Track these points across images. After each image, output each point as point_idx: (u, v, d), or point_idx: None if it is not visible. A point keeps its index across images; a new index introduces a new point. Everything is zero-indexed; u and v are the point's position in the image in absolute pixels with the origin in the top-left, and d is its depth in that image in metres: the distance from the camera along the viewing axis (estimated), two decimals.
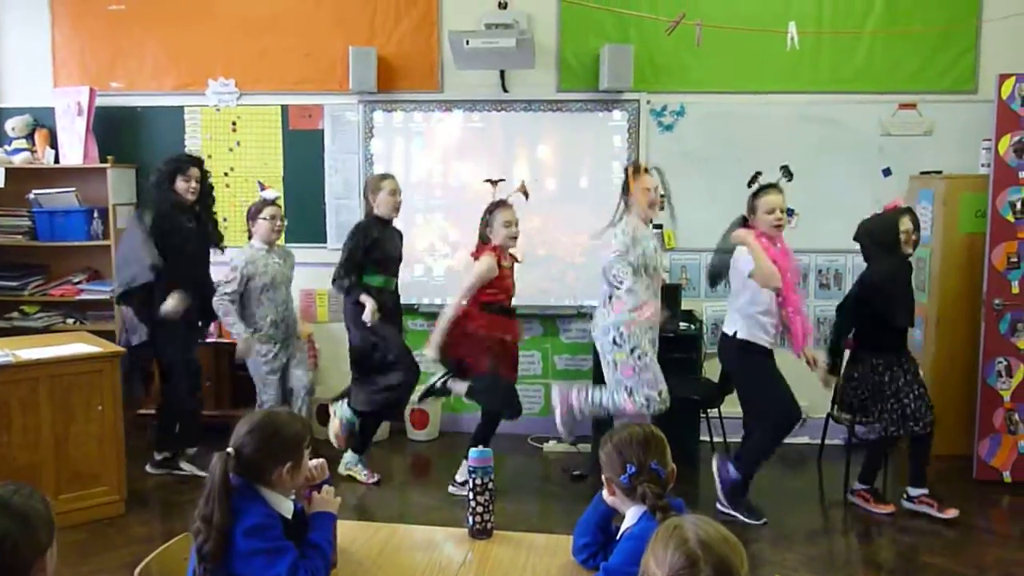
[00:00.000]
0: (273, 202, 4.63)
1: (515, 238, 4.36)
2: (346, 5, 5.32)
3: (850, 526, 4.28)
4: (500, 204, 4.35)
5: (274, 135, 5.46)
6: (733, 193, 5.17)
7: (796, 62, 5.06)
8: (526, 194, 4.45)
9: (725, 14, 4.97)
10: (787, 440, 5.22)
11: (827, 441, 5.00)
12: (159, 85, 5.47)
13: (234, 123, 5.47)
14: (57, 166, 5.34)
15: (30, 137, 5.42)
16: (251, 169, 5.46)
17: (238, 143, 5.49)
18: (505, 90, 5.28)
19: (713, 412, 4.77)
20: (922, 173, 5.09)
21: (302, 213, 5.42)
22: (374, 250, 4.46)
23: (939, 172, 4.99)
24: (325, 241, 5.45)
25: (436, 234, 5.38)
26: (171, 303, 4.34)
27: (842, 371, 4.42)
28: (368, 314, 4.36)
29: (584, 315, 5.21)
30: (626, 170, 4.17)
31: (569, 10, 5.17)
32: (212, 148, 5.48)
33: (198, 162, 4.63)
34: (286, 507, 2.05)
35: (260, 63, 5.40)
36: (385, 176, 4.62)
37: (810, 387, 5.15)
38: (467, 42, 4.76)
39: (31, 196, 5.27)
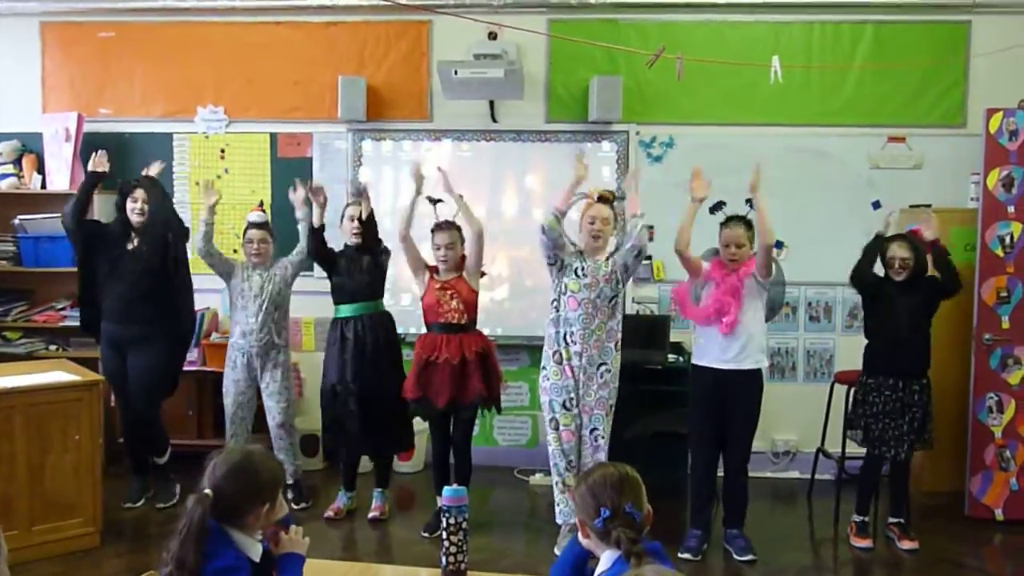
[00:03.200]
0: (257, 224, 4.59)
1: (444, 262, 4.27)
2: (336, 34, 5.32)
3: (841, 564, 4.21)
4: (436, 227, 4.30)
5: (262, 163, 5.44)
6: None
7: (785, 94, 5.06)
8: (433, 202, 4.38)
9: (713, 47, 4.99)
10: (776, 475, 5.22)
11: (817, 476, 4.94)
12: (148, 112, 5.46)
13: (223, 150, 5.45)
14: (43, 191, 5.32)
15: (17, 162, 5.40)
16: (239, 195, 5.44)
17: (226, 170, 5.47)
18: (494, 120, 5.28)
19: None
20: (911, 206, 5.07)
21: (289, 241, 5.35)
22: (330, 273, 4.49)
23: (928, 205, 4.97)
24: (312, 269, 5.38)
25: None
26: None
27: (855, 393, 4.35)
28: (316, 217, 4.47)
29: None
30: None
31: (558, 41, 5.17)
32: (200, 175, 5.45)
33: (146, 184, 4.56)
34: (255, 550, 1.99)
35: (249, 91, 5.40)
36: (350, 202, 4.60)
37: (799, 421, 5.15)
38: (456, 72, 4.76)
39: (16, 221, 5.24)
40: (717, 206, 4.10)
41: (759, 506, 4.73)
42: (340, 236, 4.60)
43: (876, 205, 5.18)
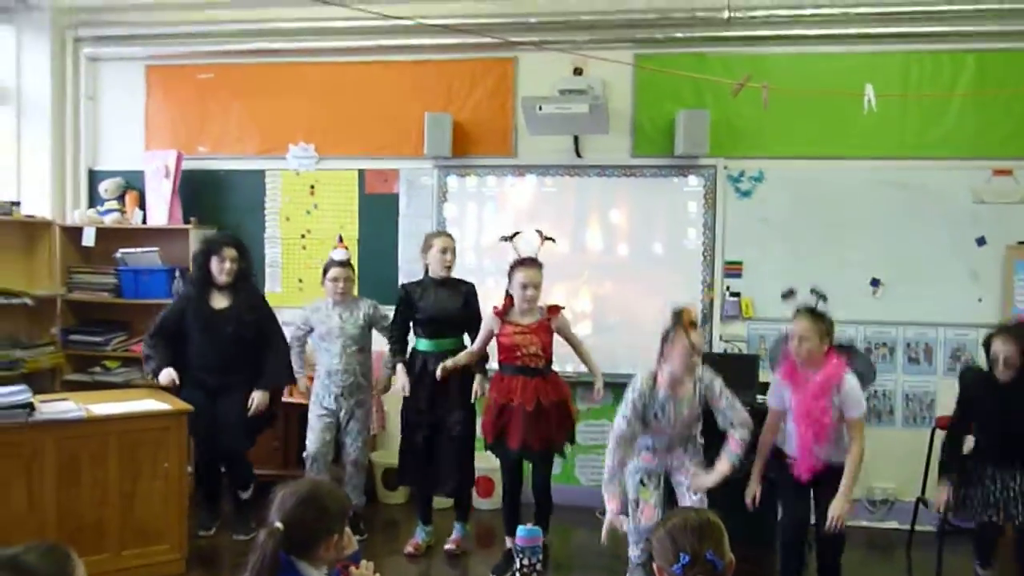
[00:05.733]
0: (340, 263, 4.61)
1: (531, 301, 4.12)
2: (423, 72, 5.42)
3: None
4: (519, 263, 4.17)
5: (351, 198, 5.55)
6: (814, 261, 5.04)
7: (880, 126, 4.89)
8: (547, 239, 4.30)
9: (803, 78, 4.86)
10: (873, 524, 4.96)
11: (917, 527, 4.67)
12: (243, 149, 5.65)
13: (312, 186, 5.59)
14: (144, 226, 5.54)
15: (121, 198, 5.65)
16: (328, 231, 5.55)
17: (316, 206, 5.59)
18: (579, 155, 5.26)
19: None
20: (1020, 243, 4.81)
21: (376, 275, 5.46)
22: (414, 311, 4.43)
23: None
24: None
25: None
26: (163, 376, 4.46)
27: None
28: (398, 385, 4.39)
29: None
30: (674, 315, 3.68)
31: (644, 75, 5.14)
32: (291, 210, 5.60)
33: (235, 242, 4.67)
34: None
35: (339, 128, 5.53)
36: (437, 233, 4.59)
37: (898, 467, 4.89)
38: (540, 107, 4.76)
39: (118, 255, 5.47)
40: (789, 293, 3.85)
41: (853, 557, 4.46)
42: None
43: (981, 242, 4.93)
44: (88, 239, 5.45)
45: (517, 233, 4.23)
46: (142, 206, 5.61)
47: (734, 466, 3.65)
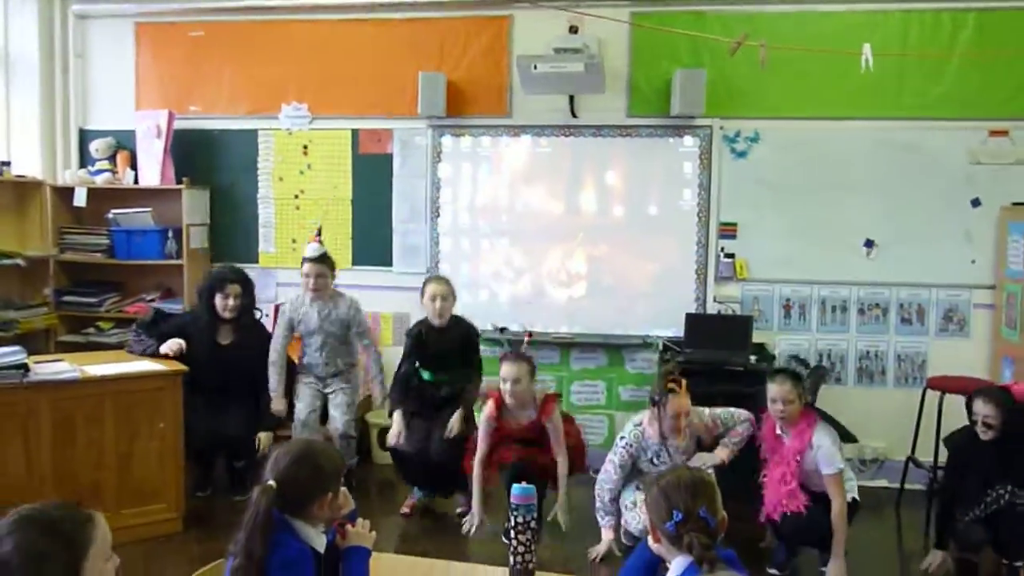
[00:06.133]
0: (312, 259, 4.52)
1: (516, 395, 3.98)
2: (417, 31, 5.34)
3: None
4: (506, 357, 4.05)
5: (344, 158, 5.50)
6: (809, 222, 5.04)
7: (877, 86, 4.84)
8: (530, 337, 4.29)
9: (801, 37, 4.81)
10: (864, 483, 5.00)
11: (907, 485, 4.72)
12: (235, 109, 5.58)
13: (305, 146, 5.54)
14: (136, 187, 5.49)
15: (112, 158, 5.60)
16: (321, 191, 5.52)
17: (309, 166, 5.55)
18: (574, 115, 5.21)
19: None
20: (1014, 204, 4.80)
21: (369, 236, 5.45)
22: (420, 352, 4.45)
23: None
24: (391, 264, 5.46)
25: (501, 259, 5.32)
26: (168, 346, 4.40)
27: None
28: (391, 437, 4.35)
29: (651, 345, 5.07)
30: (664, 377, 3.84)
31: (641, 34, 5.08)
32: (283, 171, 5.56)
33: (238, 277, 4.61)
34: (319, 541, 2.00)
35: (332, 88, 5.46)
36: (429, 279, 4.53)
37: (888, 427, 4.94)
38: (535, 67, 4.71)
39: (110, 215, 5.43)
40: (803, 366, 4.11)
41: None
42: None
43: (976, 203, 4.93)
44: (80, 199, 5.41)
45: (504, 328, 4.25)
46: (133, 166, 5.55)
47: (732, 452, 3.89)
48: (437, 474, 4.40)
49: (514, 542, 2.27)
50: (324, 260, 4.57)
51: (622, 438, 3.94)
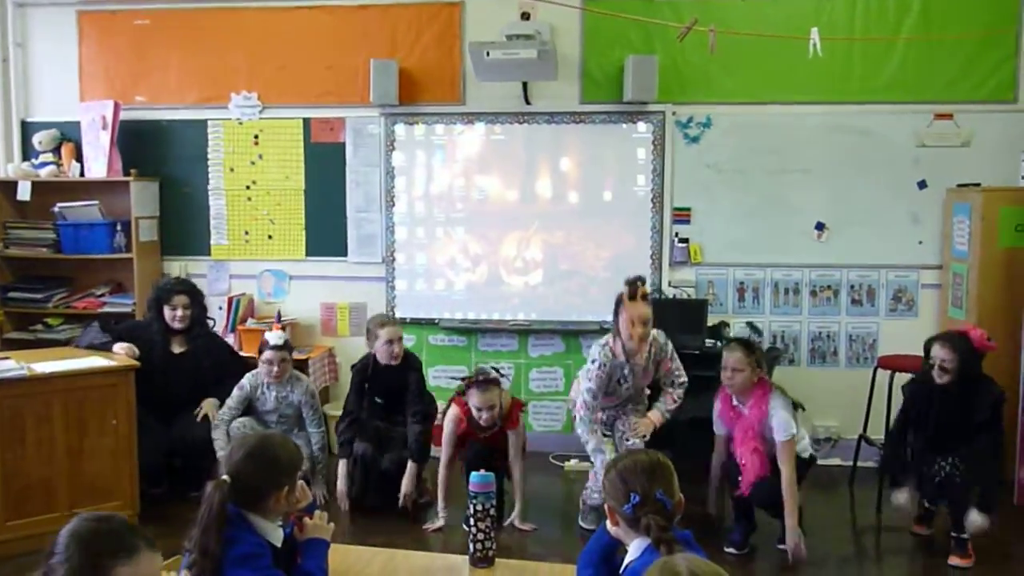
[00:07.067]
0: (276, 347, 4.42)
1: (491, 420, 3.98)
2: (367, 18, 5.29)
3: (883, 552, 4.13)
4: (473, 384, 3.96)
5: (296, 148, 5.43)
6: (761, 206, 5.10)
7: (827, 71, 4.92)
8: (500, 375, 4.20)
9: (752, 23, 4.86)
10: (819, 462, 5.09)
11: (859, 463, 4.82)
12: (182, 99, 5.47)
13: (256, 136, 5.46)
14: (82, 179, 5.37)
15: (56, 151, 5.46)
16: (273, 181, 5.45)
17: (260, 156, 5.47)
18: (528, 102, 5.20)
19: None
20: (959, 185, 4.91)
21: (323, 226, 5.40)
22: (371, 388, 4.41)
23: (977, 184, 4.81)
24: (346, 254, 5.41)
25: (457, 248, 5.31)
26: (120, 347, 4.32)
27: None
28: (339, 493, 4.30)
29: (608, 330, 5.09)
30: (626, 284, 3.91)
31: (593, 20, 5.08)
32: (234, 161, 5.47)
33: (185, 289, 4.58)
34: (276, 535, 1.98)
35: (282, 76, 5.38)
36: (382, 323, 4.43)
37: (841, 406, 5.03)
38: (488, 53, 4.69)
39: (56, 209, 5.30)
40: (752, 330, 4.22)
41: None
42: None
43: (922, 185, 5.03)
44: (23, 193, 5.25)
45: (467, 377, 4.09)
46: (79, 158, 5.42)
47: (664, 418, 3.99)
48: (389, 485, 4.31)
49: (473, 529, 2.28)
50: (287, 347, 4.50)
51: (593, 361, 3.91)
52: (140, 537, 1.56)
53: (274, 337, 4.49)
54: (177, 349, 4.56)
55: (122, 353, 4.29)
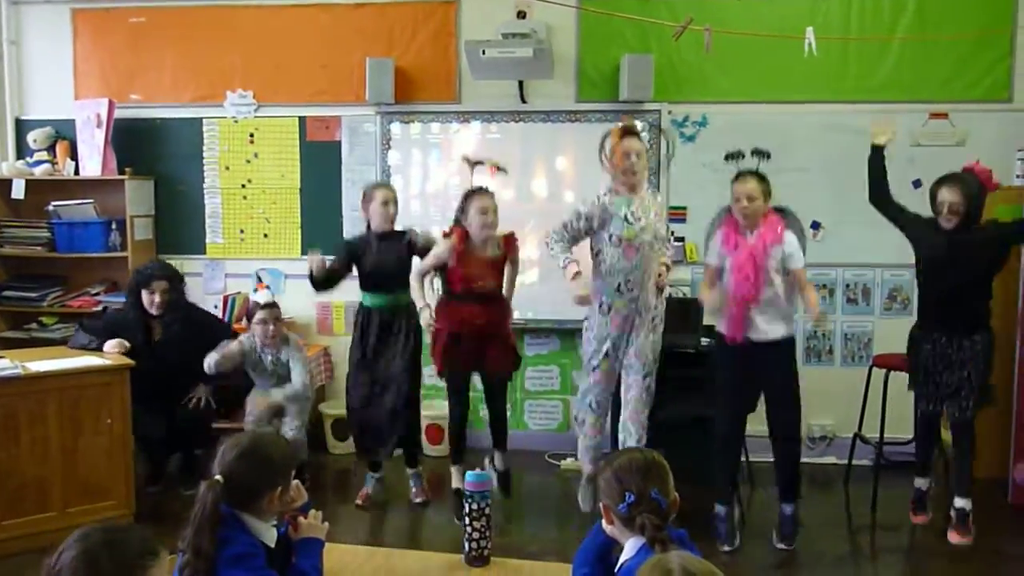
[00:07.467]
0: (266, 305, 4.43)
1: (490, 227, 4.08)
2: (363, 16, 5.28)
3: (878, 550, 4.14)
4: (476, 191, 4.11)
5: (291, 146, 5.42)
6: None
7: (822, 71, 4.93)
8: (500, 169, 4.30)
9: (747, 22, 4.86)
10: (813, 460, 5.13)
11: (855, 462, 4.83)
12: (178, 97, 5.46)
13: (252, 135, 5.45)
14: (76, 178, 5.36)
15: (51, 149, 5.45)
16: (269, 179, 5.44)
17: (256, 155, 5.46)
18: (523, 100, 5.20)
19: None
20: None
21: (318, 225, 5.39)
22: (352, 264, 4.36)
23: None
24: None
25: None
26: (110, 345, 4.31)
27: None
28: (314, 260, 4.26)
29: None
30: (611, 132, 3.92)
31: (588, 19, 5.08)
32: (230, 159, 5.46)
33: (165, 274, 4.53)
34: (270, 535, 1.98)
35: (278, 75, 5.38)
36: (377, 185, 4.50)
37: (836, 405, 5.04)
38: (483, 52, 4.69)
39: (50, 207, 5.29)
40: (735, 155, 3.94)
41: None
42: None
43: (917, 184, 5.03)
44: (17, 191, 5.25)
45: (478, 163, 4.23)
46: (74, 156, 5.41)
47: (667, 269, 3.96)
48: (391, 432, 4.30)
49: (468, 528, 2.28)
50: (275, 304, 4.51)
51: (581, 201, 3.96)
52: (156, 540, 1.59)
53: (262, 296, 4.51)
54: (159, 335, 4.49)
55: (114, 351, 4.28)
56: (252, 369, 4.52)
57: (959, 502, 3.96)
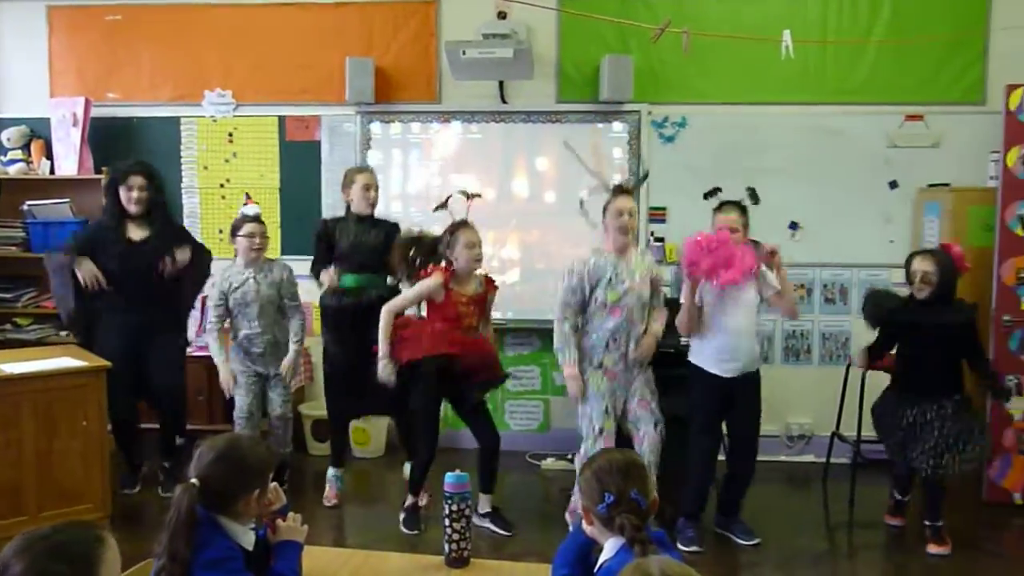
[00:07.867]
0: (254, 218, 4.40)
1: (479, 260, 4.02)
2: (343, 16, 5.26)
3: (856, 549, 4.17)
4: (462, 225, 3.99)
5: (271, 146, 5.39)
6: None
7: (800, 72, 4.97)
8: (474, 195, 4.15)
9: (727, 24, 4.89)
10: (791, 458, 5.17)
11: (832, 460, 4.87)
12: (155, 96, 5.42)
13: (230, 134, 5.41)
14: (52, 177, 5.30)
15: (26, 148, 5.39)
16: (248, 180, 5.41)
17: (235, 154, 5.43)
18: (504, 101, 5.21)
19: None
20: (929, 186, 4.98)
21: (298, 225, 5.35)
22: (334, 246, 4.33)
23: (946, 185, 4.88)
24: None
25: None
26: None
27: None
28: (325, 280, 4.30)
29: None
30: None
31: (569, 20, 5.09)
32: (208, 159, 5.43)
33: (142, 170, 4.44)
34: (247, 539, 1.96)
35: (257, 74, 5.35)
36: (359, 169, 4.49)
37: (814, 404, 5.08)
38: (464, 52, 4.68)
39: (25, 207, 5.23)
40: (712, 192, 4.05)
41: (773, 490, 4.68)
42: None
43: (893, 185, 5.09)
44: None
45: (449, 197, 4.06)
46: (49, 155, 5.35)
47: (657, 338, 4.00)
48: (377, 394, 4.17)
49: (448, 530, 2.27)
50: (261, 219, 4.45)
51: (573, 263, 3.92)
52: (92, 524, 1.60)
53: (251, 209, 4.49)
54: (136, 235, 4.39)
55: (88, 281, 4.26)
56: (234, 300, 4.36)
57: (931, 523, 3.97)
